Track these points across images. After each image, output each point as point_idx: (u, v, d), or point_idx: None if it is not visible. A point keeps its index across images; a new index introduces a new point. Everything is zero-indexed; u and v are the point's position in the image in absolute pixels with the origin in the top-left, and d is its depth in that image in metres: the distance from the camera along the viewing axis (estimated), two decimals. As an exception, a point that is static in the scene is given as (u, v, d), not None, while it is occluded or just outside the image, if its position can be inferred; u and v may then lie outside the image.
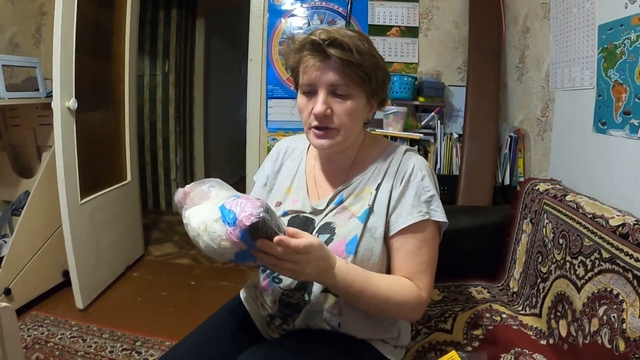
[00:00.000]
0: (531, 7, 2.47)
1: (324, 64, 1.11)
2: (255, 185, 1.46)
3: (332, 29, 1.13)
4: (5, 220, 2.86)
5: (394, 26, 3.02)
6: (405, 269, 1.16)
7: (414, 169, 1.21)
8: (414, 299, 1.13)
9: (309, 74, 1.14)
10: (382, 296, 1.10)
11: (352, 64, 1.09)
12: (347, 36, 1.10)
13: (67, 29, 2.54)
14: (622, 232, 1.30)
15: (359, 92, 1.15)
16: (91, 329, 2.52)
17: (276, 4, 3.08)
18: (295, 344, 1.20)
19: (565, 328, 1.46)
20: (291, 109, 3.07)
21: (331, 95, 1.14)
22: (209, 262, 3.66)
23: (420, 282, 1.15)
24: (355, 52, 1.09)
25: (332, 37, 1.09)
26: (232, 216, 0.90)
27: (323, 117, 1.13)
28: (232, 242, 0.91)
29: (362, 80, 1.13)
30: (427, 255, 1.17)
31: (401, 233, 1.16)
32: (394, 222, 1.18)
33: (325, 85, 1.12)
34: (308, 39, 1.13)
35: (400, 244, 1.17)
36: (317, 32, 1.12)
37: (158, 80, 4.90)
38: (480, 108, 2.62)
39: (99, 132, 3.10)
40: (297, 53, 1.18)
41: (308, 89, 1.16)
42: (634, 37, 1.57)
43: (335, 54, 1.08)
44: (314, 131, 1.17)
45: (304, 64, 1.16)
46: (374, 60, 1.15)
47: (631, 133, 1.59)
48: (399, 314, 1.21)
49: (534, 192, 1.94)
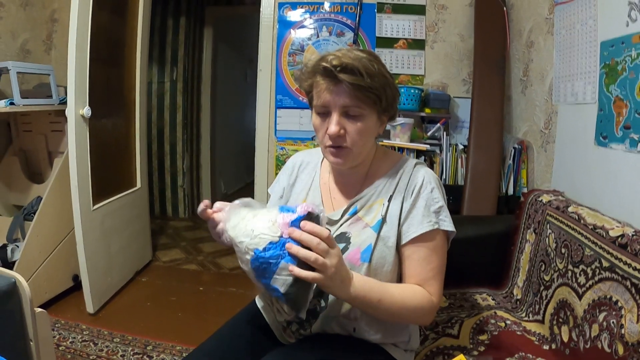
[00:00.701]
0: (535, 22, 2.52)
1: (336, 88, 1.16)
2: (271, 197, 1.52)
3: (343, 52, 1.18)
4: (18, 225, 2.90)
5: (401, 39, 3.07)
6: (417, 276, 1.22)
7: (424, 181, 1.27)
8: (426, 304, 1.19)
9: (323, 97, 1.19)
10: (398, 303, 1.15)
11: (363, 87, 1.15)
12: (357, 59, 1.15)
13: (82, 38, 2.60)
14: (621, 242, 1.35)
15: (370, 111, 1.20)
16: (102, 333, 2.56)
17: (285, 16, 3.14)
18: (313, 347, 1.25)
19: (567, 333, 1.51)
20: (300, 119, 3.12)
21: (344, 116, 1.19)
22: (216, 268, 3.71)
23: (431, 287, 1.21)
24: (366, 76, 1.14)
25: (343, 63, 1.13)
26: (292, 208, 1.05)
27: (337, 137, 1.19)
28: (282, 224, 1.02)
29: (373, 102, 1.19)
30: (436, 262, 1.23)
31: (412, 242, 1.22)
32: (405, 231, 1.24)
33: (338, 107, 1.18)
34: (320, 65, 1.18)
35: (412, 252, 1.23)
36: (328, 58, 1.17)
37: (166, 88, 4.97)
38: (485, 119, 2.67)
39: (111, 139, 3.16)
40: (310, 78, 1.24)
41: (322, 110, 1.22)
42: (635, 55, 1.62)
43: (346, 79, 1.13)
44: (330, 149, 1.23)
45: (317, 87, 1.21)
46: (383, 80, 1.20)
47: (631, 147, 1.63)
48: (413, 319, 1.28)
49: (537, 203, 1.99)
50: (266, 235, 1.02)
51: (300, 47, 3.13)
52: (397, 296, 1.15)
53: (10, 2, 3.20)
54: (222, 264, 3.78)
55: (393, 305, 1.15)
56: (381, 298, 1.13)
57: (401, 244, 1.24)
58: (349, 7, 3.08)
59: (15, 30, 3.28)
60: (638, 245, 1.29)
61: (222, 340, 1.35)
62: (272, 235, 1.02)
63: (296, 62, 3.12)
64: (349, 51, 1.19)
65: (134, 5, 3.28)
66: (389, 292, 1.15)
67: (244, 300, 1.56)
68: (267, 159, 3.20)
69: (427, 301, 1.19)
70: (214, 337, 1.36)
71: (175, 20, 4.89)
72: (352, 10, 3.07)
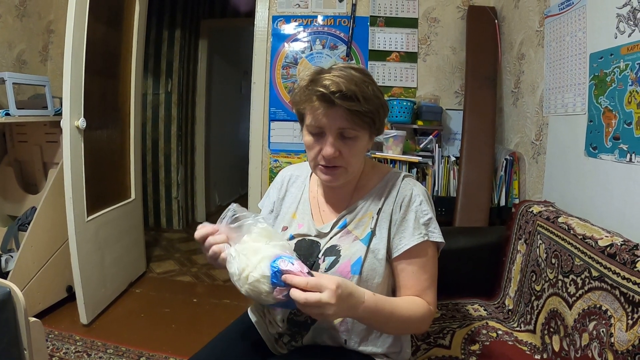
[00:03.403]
0: (526, 35, 2.55)
1: (333, 111, 1.17)
2: (261, 212, 1.53)
3: (338, 73, 1.17)
4: (12, 235, 2.90)
5: (393, 51, 3.10)
6: (413, 287, 1.24)
7: (413, 194, 1.29)
8: (427, 314, 1.21)
9: (318, 119, 1.20)
10: (405, 317, 1.18)
11: (360, 112, 1.16)
12: (354, 82, 1.16)
13: (78, 49, 2.61)
14: (610, 252, 1.37)
15: (364, 132, 1.23)
16: (95, 344, 2.55)
17: (279, 29, 3.16)
18: (305, 359, 1.26)
19: (558, 343, 1.52)
20: (293, 131, 3.13)
21: (339, 137, 1.21)
22: (210, 280, 3.71)
23: (427, 297, 1.24)
24: (363, 101, 1.16)
25: (341, 89, 1.13)
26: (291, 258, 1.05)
27: (332, 158, 1.21)
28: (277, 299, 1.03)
29: (368, 124, 1.21)
30: (429, 272, 1.26)
31: (405, 255, 1.24)
32: (396, 244, 1.26)
33: (333, 129, 1.19)
34: (317, 91, 1.16)
35: (406, 265, 1.25)
36: (326, 83, 1.15)
37: (161, 99, 4.99)
38: (476, 131, 2.70)
39: (106, 151, 3.16)
40: (305, 101, 1.23)
41: (316, 130, 1.22)
42: (623, 66, 1.65)
43: (343, 105, 1.14)
44: (321, 168, 1.25)
45: (312, 108, 1.21)
46: (377, 102, 1.22)
47: (620, 157, 1.66)
48: (415, 329, 1.33)
49: (528, 213, 2.01)
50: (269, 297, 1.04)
51: (294, 60, 3.15)
52: (404, 310, 1.18)
53: (7, 13, 3.22)
54: (216, 276, 3.77)
55: (401, 319, 1.17)
56: (392, 314, 1.15)
57: (393, 256, 1.26)
58: (342, 21, 3.11)
59: (12, 40, 3.30)
60: (626, 255, 1.30)
61: (214, 351, 1.36)
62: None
63: (290, 75, 3.15)
64: (344, 70, 1.19)
65: (129, 17, 3.30)
66: (397, 307, 1.17)
67: (238, 312, 1.56)
68: (261, 171, 3.21)
69: (426, 311, 1.22)
70: (207, 348, 1.37)
71: (171, 32, 4.92)
72: (345, 23, 3.11)
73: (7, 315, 1.31)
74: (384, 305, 1.14)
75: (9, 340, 1.30)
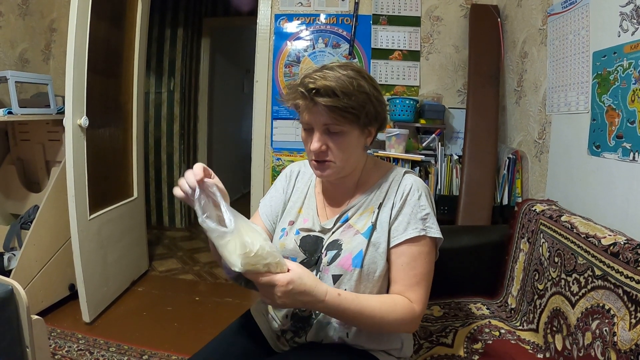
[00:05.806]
0: (529, 33, 2.55)
1: (315, 108, 1.20)
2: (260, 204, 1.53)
3: (324, 73, 1.20)
4: (14, 234, 2.89)
5: (396, 50, 3.10)
6: (401, 281, 1.24)
7: (412, 188, 1.29)
8: (407, 315, 1.20)
9: (304, 116, 1.24)
10: (377, 318, 1.17)
11: (338, 108, 1.17)
12: (335, 79, 1.17)
13: (80, 48, 2.61)
14: (613, 250, 1.37)
15: (351, 127, 1.23)
16: (98, 342, 2.55)
17: (282, 27, 3.16)
18: (307, 355, 1.27)
19: (560, 342, 1.52)
20: (295, 130, 3.13)
21: (326, 133, 1.23)
22: (213, 279, 3.71)
23: (413, 294, 1.22)
24: (342, 96, 1.16)
25: (318, 87, 1.16)
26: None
27: (319, 152, 1.24)
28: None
29: (351, 120, 1.21)
30: (421, 268, 1.24)
31: (398, 247, 1.25)
32: (392, 236, 1.26)
33: (319, 125, 1.22)
34: (297, 89, 1.21)
35: (396, 257, 1.25)
36: (305, 81, 1.20)
37: (163, 98, 4.99)
38: (479, 130, 2.69)
39: (108, 149, 3.16)
40: (291, 99, 1.27)
41: (306, 126, 1.26)
42: (626, 65, 1.65)
43: (321, 101, 1.16)
44: (313, 163, 1.28)
45: (299, 105, 1.25)
46: (363, 97, 1.21)
47: (623, 156, 1.65)
48: (395, 330, 1.29)
49: (531, 212, 2.01)
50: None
51: (297, 58, 3.15)
52: (376, 311, 1.17)
53: (10, 12, 3.23)
54: (219, 274, 3.77)
55: (370, 320, 1.17)
56: (356, 316, 1.16)
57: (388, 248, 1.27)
58: (344, 19, 3.11)
59: (14, 39, 3.30)
60: (630, 254, 1.30)
61: (216, 349, 1.36)
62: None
63: (292, 74, 3.15)
64: (332, 69, 1.21)
65: (132, 16, 3.30)
66: (368, 308, 1.16)
67: (240, 311, 1.56)
68: (264, 169, 3.21)
69: (408, 311, 1.20)
70: (209, 346, 1.37)
71: (173, 31, 4.92)
72: (348, 22, 3.10)
73: (10, 313, 1.32)
74: (349, 305, 1.14)
75: (12, 338, 1.31)
